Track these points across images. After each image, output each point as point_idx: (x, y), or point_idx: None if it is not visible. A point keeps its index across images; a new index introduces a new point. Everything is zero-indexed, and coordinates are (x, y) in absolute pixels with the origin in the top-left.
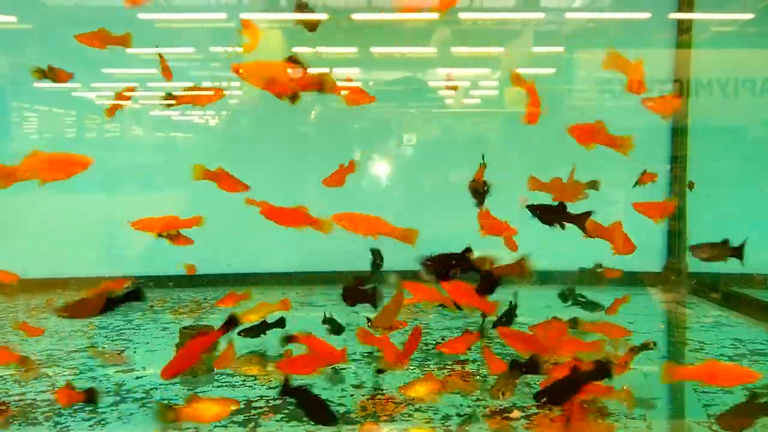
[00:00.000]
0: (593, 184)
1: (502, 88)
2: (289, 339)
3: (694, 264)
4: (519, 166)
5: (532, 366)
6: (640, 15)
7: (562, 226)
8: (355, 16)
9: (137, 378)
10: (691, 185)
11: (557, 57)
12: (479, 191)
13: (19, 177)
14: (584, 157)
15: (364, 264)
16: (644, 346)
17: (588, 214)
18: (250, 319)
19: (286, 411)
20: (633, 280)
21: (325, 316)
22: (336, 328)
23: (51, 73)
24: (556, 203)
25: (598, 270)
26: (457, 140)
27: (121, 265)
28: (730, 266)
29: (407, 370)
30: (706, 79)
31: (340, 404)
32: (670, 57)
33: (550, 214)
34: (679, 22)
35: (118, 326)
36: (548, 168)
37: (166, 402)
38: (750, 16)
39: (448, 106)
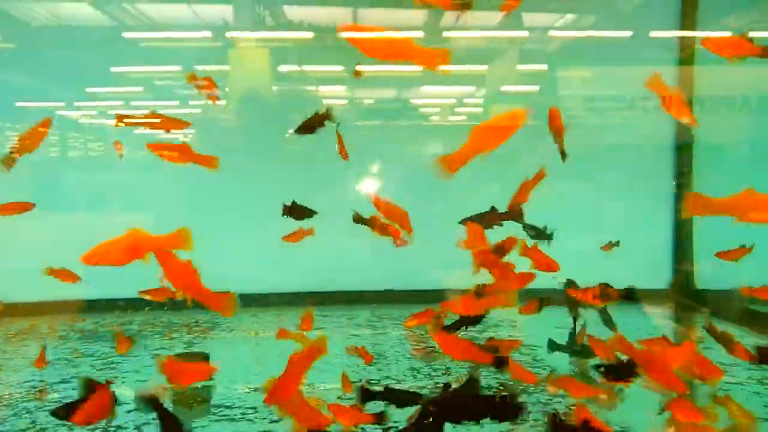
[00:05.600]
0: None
1: (487, 106)
2: None
3: (702, 281)
4: (509, 181)
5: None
6: (623, 33)
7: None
8: (341, 35)
9: (128, 412)
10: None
11: (543, 75)
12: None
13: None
14: (586, 167)
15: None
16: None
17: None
18: None
19: None
20: (639, 296)
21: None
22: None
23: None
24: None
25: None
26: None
27: (106, 287)
28: (740, 282)
29: None
30: (710, 95)
31: None
32: (673, 74)
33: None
34: (681, 38)
35: (104, 353)
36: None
37: None
38: (757, 34)
39: (434, 123)
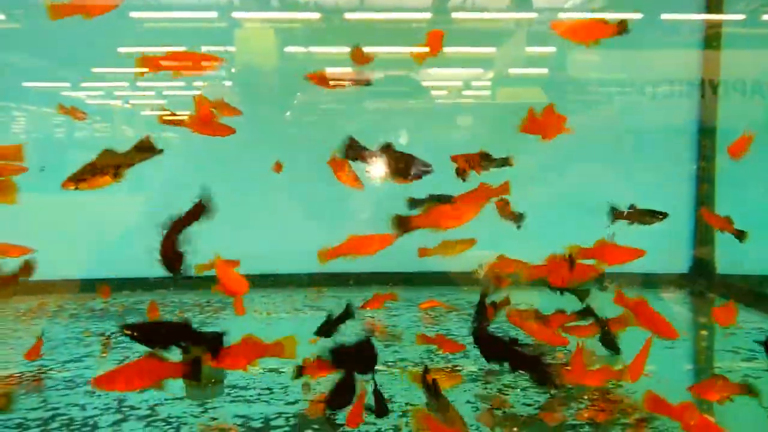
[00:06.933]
0: None
1: (495, 88)
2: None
3: (723, 266)
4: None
5: None
6: (633, 15)
7: None
8: (348, 16)
9: (140, 392)
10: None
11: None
12: None
13: None
14: (607, 151)
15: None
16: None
17: None
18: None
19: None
20: (658, 281)
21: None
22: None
23: None
24: None
25: None
26: (450, 139)
27: (112, 267)
28: (761, 267)
29: None
30: (736, 79)
31: None
32: (697, 57)
33: None
34: (707, 21)
35: (114, 333)
36: (539, 167)
37: None
38: None
39: (441, 105)
